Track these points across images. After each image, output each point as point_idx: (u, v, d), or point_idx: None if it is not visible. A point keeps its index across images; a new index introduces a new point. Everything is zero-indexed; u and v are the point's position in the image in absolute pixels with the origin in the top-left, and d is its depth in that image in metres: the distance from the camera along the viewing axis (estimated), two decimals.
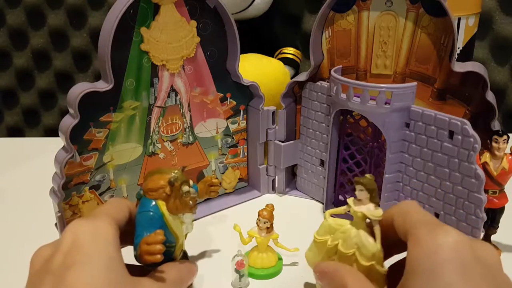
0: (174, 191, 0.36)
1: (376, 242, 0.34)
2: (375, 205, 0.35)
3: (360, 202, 0.35)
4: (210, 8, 0.51)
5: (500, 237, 0.48)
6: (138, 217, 0.36)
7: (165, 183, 0.36)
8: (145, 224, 0.35)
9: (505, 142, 0.43)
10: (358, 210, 0.35)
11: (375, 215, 0.34)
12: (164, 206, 0.36)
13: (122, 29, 0.45)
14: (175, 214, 0.37)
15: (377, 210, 0.35)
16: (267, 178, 0.61)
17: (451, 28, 0.47)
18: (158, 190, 0.36)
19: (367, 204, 0.35)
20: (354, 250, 0.35)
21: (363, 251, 0.35)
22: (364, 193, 0.35)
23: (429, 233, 0.29)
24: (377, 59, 0.54)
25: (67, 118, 0.46)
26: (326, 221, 0.38)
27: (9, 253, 0.49)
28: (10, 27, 0.94)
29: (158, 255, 0.33)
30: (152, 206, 0.36)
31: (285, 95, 0.57)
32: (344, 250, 0.36)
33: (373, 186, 0.35)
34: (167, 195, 0.36)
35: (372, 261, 0.34)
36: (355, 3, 0.53)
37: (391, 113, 0.47)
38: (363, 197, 0.35)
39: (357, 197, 0.35)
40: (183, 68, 0.51)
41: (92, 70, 0.97)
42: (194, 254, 0.48)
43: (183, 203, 0.37)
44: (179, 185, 0.36)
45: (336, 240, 0.37)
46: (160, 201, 0.36)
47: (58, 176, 0.46)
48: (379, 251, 0.34)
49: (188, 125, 0.54)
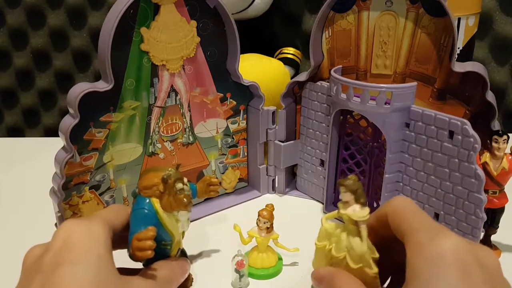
0: (168, 189, 0.36)
1: (362, 243, 0.34)
2: (361, 206, 0.34)
3: (347, 204, 0.35)
4: (210, 8, 0.51)
5: (500, 237, 0.48)
6: (132, 215, 0.36)
7: (158, 180, 0.36)
8: (138, 222, 0.35)
9: (505, 142, 0.43)
10: (344, 212, 0.35)
11: (360, 216, 0.34)
12: (158, 204, 0.36)
13: (122, 29, 0.45)
14: (169, 211, 0.37)
15: (362, 210, 0.34)
16: (267, 178, 0.61)
17: (451, 28, 0.47)
18: (152, 188, 0.36)
19: (352, 205, 0.34)
20: (345, 254, 0.35)
21: (351, 254, 0.34)
22: (348, 195, 0.34)
23: (429, 238, 0.28)
24: (377, 59, 0.54)
25: (67, 118, 0.46)
26: (323, 226, 0.38)
27: (9, 253, 0.49)
28: (10, 27, 0.94)
29: (148, 251, 0.33)
30: (146, 204, 0.36)
31: (285, 95, 0.57)
32: (336, 254, 0.36)
33: (355, 187, 0.34)
34: (161, 192, 0.36)
35: (359, 263, 0.34)
36: (355, 3, 0.53)
37: (391, 113, 0.47)
38: (348, 199, 0.34)
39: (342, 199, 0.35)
40: (183, 68, 0.51)
41: (92, 70, 0.97)
42: (194, 254, 0.48)
43: (177, 201, 0.36)
44: (172, 182, 0.36)
45: (331, 244, 0.37)
46: (154, 199, 0.36)
47: (58, 176, 0.46)
48: (366, 253, 0.33)
49: (188, 125, 0.54)
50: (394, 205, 0.32)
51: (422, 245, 0.28)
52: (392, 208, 0.32)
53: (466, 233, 0.44)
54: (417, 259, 0.28)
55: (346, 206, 0.35)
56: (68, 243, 0.30)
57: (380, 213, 0.34)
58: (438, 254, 0.27)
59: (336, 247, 0.36)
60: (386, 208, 0.33)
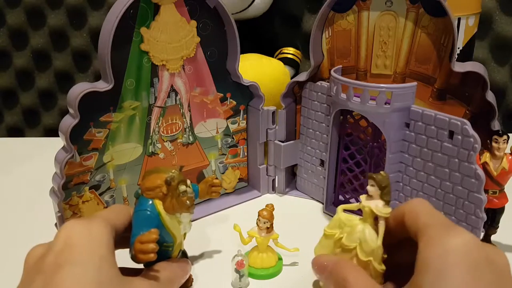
0: (171, 191, 0.36)
1: (378, 238, 0.34)
2: (385, 203, 0.35)
3: (371, 198, 0.36)
4: (210, 8, 0.51)
5: (500, 237, 0.48)
6: (135, 216, 0.36)
7: (162, 182, 0.36)
8: (141, 223, 0.35)
9: (505, 142, 0.43)
10: (366, 204, 0.35)
11: (382, 212, 0.35)
12: (160, 205, 0.36)
13: (122, 29, 0.45)
14: (172, 213, 0.37)
15: (385, 208, 0.35)
16: (267, 178, 0.61)
17: (451, 28, 0.47)
18: (155, 189, 0.36)
19: (376, 201, 0.35)
20: (356, 244, 0.35)
21: (363, 246, 0.35)
22: (375, 189, 0.35)
23: (441, 233, 0.29)
24: (377, 59, 0.54)
25: (67, 118, 0.46)
26: (337, 215, 0.38)
27: (9, 253, 0.49)
28: (10, 27, 0.94)
29: (151, 254, 0.33)
30: (149, 205, 0.36)
31: (285, 95, 0.57)
32: (347, 243, 0.36)
33: (384, 183, 0.35)
34: (164, 194, 0.36)
35: (370, 257, 0.34)
36: (355, 3, 0.53)
37: (391, 113, 0.47)
38: (373, 193, 0.35)
39: (368, 193, 0.36)
40: (183, 68, 0.51)
41: (92, 70, 0.97)
42: (194, 254, 0.48)
43: (180, 203, 0.36)
44: (176, 184, 0.36)
45: (342, 234, 0.37)
46: (156, 200, 0.36)
47: (58, 176, 0.46)
48: (379, 248, 0.34)
49: (188, 125, 0.54)
50: (411, 204, 0.33)
51: (434, 240, 0.29)
52: (409, 208, 0.33)
53: None
54: (429, 252, 0.28)
55: (369, 200, 0.36)
56: (70, 244, 0.30)
57: (397, 212, 0.34)
58: (449, 249, 0.27)
59: (348, 237, 0.36)
60: (405, 207, 0.34)
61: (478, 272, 0.27)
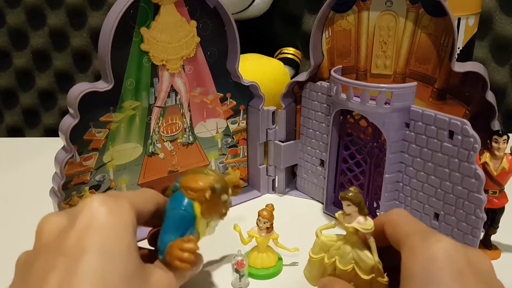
0: (214, 197, 0.36)
1: (372, 254, 0.34)
2: (364, 217, 0.34)
3: (349, 216, 0.35)
4: (210, 8, 0.51)
5: (500, 237, 0.48)
6: (170, 213, 0.36)
7: (206, 186, 0.36)
8: (175, 222, 0.35)
9: (505, 142, 0.43)
10: (349, 226, 0.34)
11: (367, 227, 0.34)
12: (199, 208, 0.36)
13: (122, 29, 0.45)
14: (205, 217, 0.37)
15: (367, 221, 0.34)
16: (267, 178, 0.61)
17: (451, 28, 0.47)
18: (198, 191, 0.36)
19: (356, 218, 0.34)
20: (353, 265, 0.35)
21: (361, 266, 0.34)
22: (352, 207, 0.34)
23: (422, 241, 0.29)
24: (377, 59, 0.54)
25: (67, 118, 0.46)
26: (319, 238, 0.37)
27: (9, 253, 0.49)
28: (10, 27, 0.94)
29: (189, 265, 0.33)
30: (187, 206, 0.36)
31: (285, 95, 0.57)
32: (342, 267, 0.35)
33: (359, 199, 0.34)
34: (206, 199, 0.36)
35: (372, 274, 0.34)
36: (355, 3, 0.53)
37: (391, 113, 0.47)
38: (351, 211, 0.34)
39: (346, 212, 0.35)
40: (183, 68, 0.51)
41: (92, 70, 0.97)
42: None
43: (218, 211, 0.37)
44: (220, 192, 0.37)
45: (332, 257, 0.36)
46: (196, 203, 0.36)
47: (58, 176, 0.46)
48: (378, 263, 0.34)
49: (188, 125, 0.54)
50: (389, 215, 0.33)
51: (415, 248, 0.29)
52: (387, 218, 0.33)
53: (466, 233, 0.44)
54: (411, 261, 0.28)
55: (348, 219, 0.35)
56: (95, 225, 0.28)
57: (377, 222, 0.34)
58: (431, 258, 0.27)
59: (341, 260, 0.35)
60: (383, 217, 0.34)
61: (461, 277, 0.27)
